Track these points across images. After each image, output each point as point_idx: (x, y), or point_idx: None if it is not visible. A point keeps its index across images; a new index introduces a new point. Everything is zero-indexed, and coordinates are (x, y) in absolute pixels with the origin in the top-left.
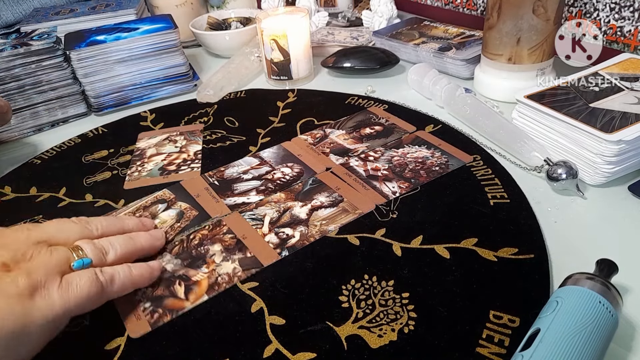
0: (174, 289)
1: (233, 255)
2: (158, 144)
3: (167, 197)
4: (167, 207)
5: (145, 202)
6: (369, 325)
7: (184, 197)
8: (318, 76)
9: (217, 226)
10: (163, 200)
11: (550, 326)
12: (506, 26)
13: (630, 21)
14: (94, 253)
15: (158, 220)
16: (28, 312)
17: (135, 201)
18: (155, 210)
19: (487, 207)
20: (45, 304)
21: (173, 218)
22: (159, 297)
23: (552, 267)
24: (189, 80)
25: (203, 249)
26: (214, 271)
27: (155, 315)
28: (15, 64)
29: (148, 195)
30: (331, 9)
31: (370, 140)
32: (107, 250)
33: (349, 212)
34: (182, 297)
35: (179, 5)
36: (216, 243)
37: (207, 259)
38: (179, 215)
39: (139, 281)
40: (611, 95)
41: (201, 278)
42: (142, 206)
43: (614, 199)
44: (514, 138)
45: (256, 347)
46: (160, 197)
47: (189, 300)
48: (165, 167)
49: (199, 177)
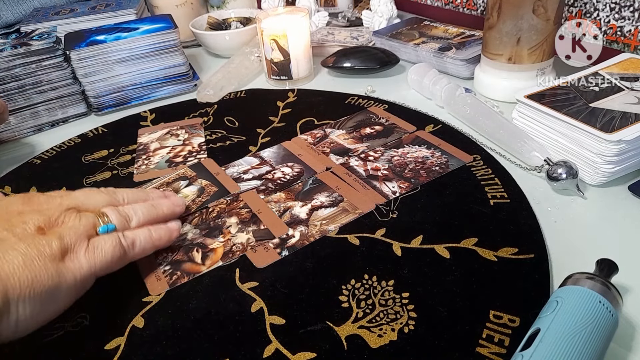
0: (192, 255)
1: (248, 227)
2: (160, 138)
3: (189, 174)
4: (189, 183)
5: (168, 179)
6: (369, 325)
7: (204, 175)
8: (318, 76)
9: (234, 201)
10: (185, 177)
11: (550, 326)
12: (506, 26)
13: (630, 21)
14: (118, 219)
15: (180, 195)
16: (60, 272)
17: (158, 177)
18: (177, 186)
19: (487, 207)
20: (74, 266)
21: (194, 193)
22: (177, 261)
23: (552, 267)
24: (189, 80)
25: (220, 221)
26: (229, 240)
27: (174, 277)
28: (15, 64)
29: (171, 172)
30: (331, 8)
31: (370, 140)
32: (130, 217)
33: (349, 212)
34: (199, 262)
35: (179, 5)
36: (233, 216)
37: (223, 229)
38: (199, 191)
39: (158, 243)
40: (611, 95)
41: (217, 246)
42: (165, 182)
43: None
44: (514, 138)
45: (256, 347)
46: (182, 174)
47: (205, 265)
48: (172, 160)
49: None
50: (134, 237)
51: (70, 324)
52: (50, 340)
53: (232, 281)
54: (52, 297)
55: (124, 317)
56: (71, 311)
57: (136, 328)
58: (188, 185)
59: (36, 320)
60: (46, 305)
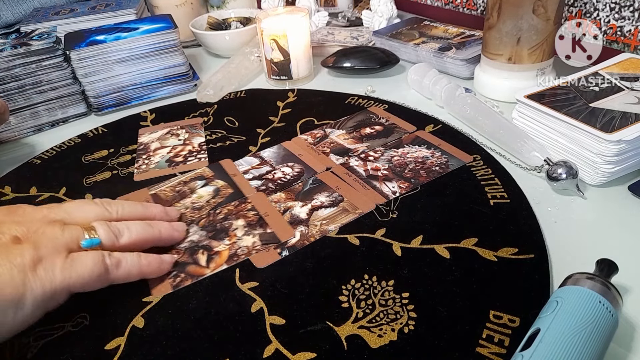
0: (197, 257)
1: (254, 230)
2: (161, 138)
3: (207, 174)
4: (205, 183)
5: (186, 178)
6: (369, 325)
7: (221, 175)
8: (318, 76)
9: (242, 203)
10: (202, 177)
11: (550, 326)
12: (506, 26)
13: (630, 21)
14: (106, 234)
15: (195, 195)
16: (28, 282)
17: (177, 176)
18: (193, 185)
19: (487, 207)
20: (46, 277)
21: (210, 194)
22: (182, 264)
23: (552, 267)
24: (189, 80)
25: (227, 223)
26: (234, 244)
27: (177, 279)
28: (15, 64)
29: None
30: (331, 8)
31: (370, 140)
32: (121, 233)
33: (349, 212)
34: (204, 265)
35: (179, 5)
36: (240, 218)
37: (229, 232)
38: (215, 192)
39: (146, 271)
40: (611, 95)
41: (223, 249)
42: (182, 181)
43: (614, 199)
44: (514, 138)
45: (256, 347)
46: (200, 174)
47: (209, 268)
48: (172, 159)
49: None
50: (121, 257)
51: (70, 324)
52: (50, 340)
53: (232, 281)
54: (16, 307)
55: (124, 317)
56: (71, 311)
57: (136, 328)
58: (204, 186)
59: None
60: (9, 316)
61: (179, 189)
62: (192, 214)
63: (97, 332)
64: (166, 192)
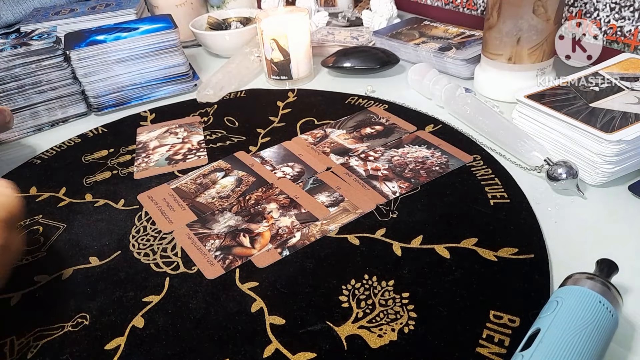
0: (240, 240)
1: (289, 211)
2: (159, 137)
3: (224, 166)
4: (225, 174)
5: (204, 171)
6: (369, 325)
7: (240, 166)
8: (318, 76)
9: (269, 189)
10: (220, 169)
11: (551, 326)
12: (506, 26)
13: (630, 21)
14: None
15: (219, 186)
16: None
17: (194, 169)
18: (214, 177)
19: (487, 207)
20: None
21: (233, 183)
22: (227, 247)
23: (552, 267)
24: (188, 80)
25: (260, 207)
26: (273, 225)
27: (227, 261)
28: (15, 64)
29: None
30: (331, 8)
31: (370, 140)
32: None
33: (350, 211)
34: (249, 246)
35: (179, 5)
36: (271, 202)
37: (265, 215)
38: (237, 181)
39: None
40: (611, 95)
41: (263, 230)
42: (202, 174)
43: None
44: (514, 138)
45: (256, 347)
46: (217, 166)
47: (255, 248)
48: (171, 157)
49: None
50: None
51: (70, 324)
52: (50, 340)
53: (232, 281)
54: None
55: (124, 317)
56: (71, 311)
57: (136, 328)
58: (225, 177)
59: None
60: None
61: (200, 181)
62: (221, 202)
63: (97, 332)
64: (188, 184)
